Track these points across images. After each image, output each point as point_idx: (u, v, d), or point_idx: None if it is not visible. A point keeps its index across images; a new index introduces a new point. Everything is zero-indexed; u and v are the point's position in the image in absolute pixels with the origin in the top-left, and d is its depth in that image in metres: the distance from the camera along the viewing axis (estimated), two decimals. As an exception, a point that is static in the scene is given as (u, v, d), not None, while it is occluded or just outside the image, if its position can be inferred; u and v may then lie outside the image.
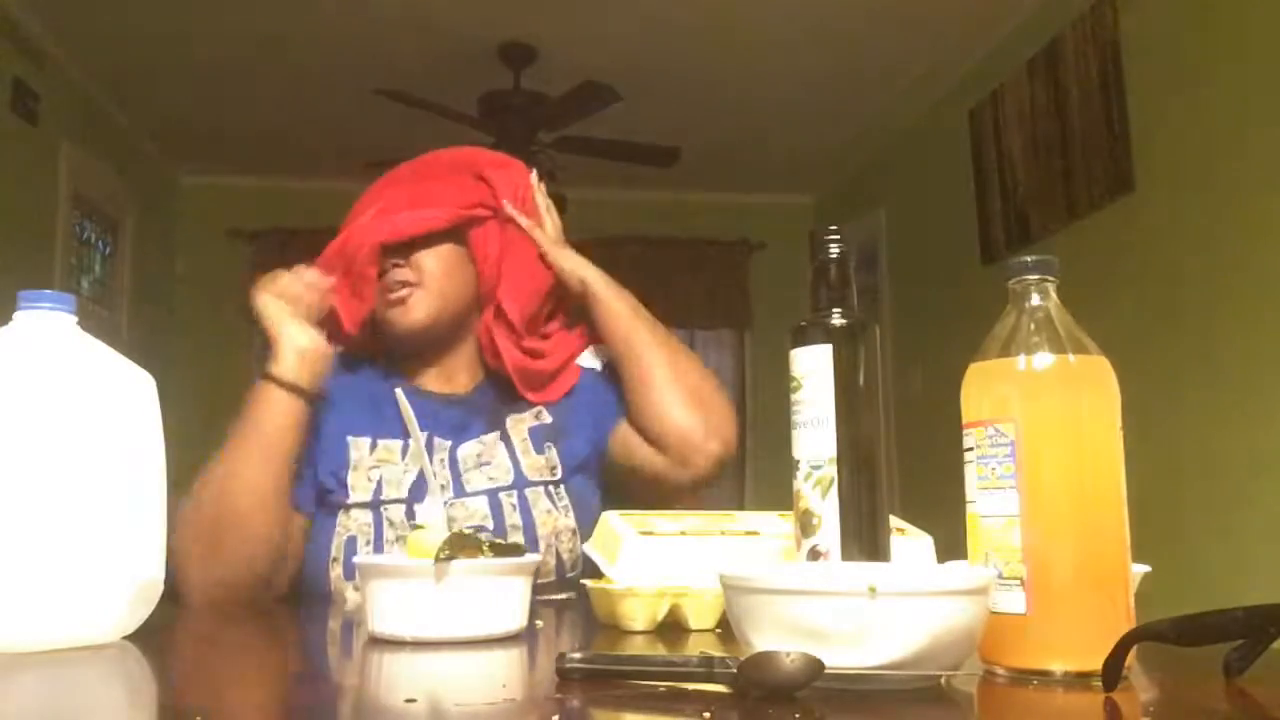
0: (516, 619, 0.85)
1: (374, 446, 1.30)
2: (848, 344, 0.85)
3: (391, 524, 1.26)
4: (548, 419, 1.37)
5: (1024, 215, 3.67)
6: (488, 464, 1.32)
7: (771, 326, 5.37)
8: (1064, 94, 3.43)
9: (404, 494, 1.27)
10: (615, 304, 1.36)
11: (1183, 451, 2.83)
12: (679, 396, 1.31)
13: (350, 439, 1.30)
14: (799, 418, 0.85)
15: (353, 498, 1.27)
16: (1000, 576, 0.67)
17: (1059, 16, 3.46)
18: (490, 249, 1.37)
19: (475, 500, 1.29)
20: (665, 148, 4.22)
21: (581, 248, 1.42)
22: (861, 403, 0.84)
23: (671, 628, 0.93)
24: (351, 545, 1.25)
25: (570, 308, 1.43)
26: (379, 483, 1.28)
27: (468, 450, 1.32)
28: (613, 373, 1.38)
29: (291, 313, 1.27)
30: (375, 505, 1.27)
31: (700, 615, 0.93)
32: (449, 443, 1.32)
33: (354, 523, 1.26)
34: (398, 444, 1.30)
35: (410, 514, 1.25)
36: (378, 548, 1.25)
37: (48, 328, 0.82)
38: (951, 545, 0.85)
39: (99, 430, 0.80)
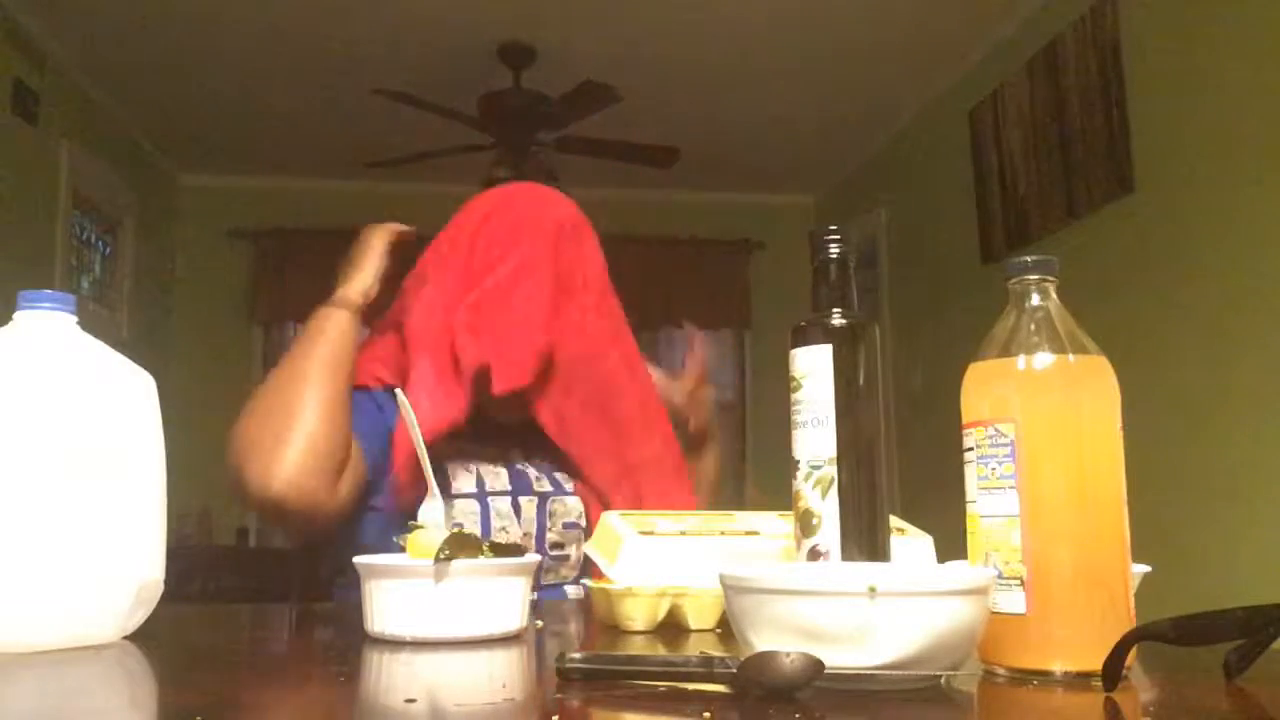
0: (516, 619, 0.85)
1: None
2: (848, 344, 0.85)
3: (499, 514, 1.33)
4: None
5: (1024, 215, 3.67)
6: None
7: (771, 326, 5.37)
8: (1064, 94, 3.43)
9: (507, 487, 1.35)
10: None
11: (1183, 451, 2.83)
12: None
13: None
14: (799, 418, 0.85)
15: (456, 488, 1.33)
16: (1000, 576, 0.67)
17: (1059, 16, 3.45)
18: None
19: (572, 499, 1.39)
20: (665, 148, 4.22)
21: None
22: (861, 403, 0.84)
23: (671, 628, 0.93)
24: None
25: None
26: (477, 474, 1.35)
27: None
28: None
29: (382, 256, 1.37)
30: (480, 496, 1.33)
31: (700, 615, 0.93)
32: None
33: (459, 512, 1.32)
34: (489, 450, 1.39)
35: (515, 506, 1.33)
36: (484, 535, 1.31)
37: (48, 328, 0.82)
38: (951, 545, 0.85)
39: (99, 430, 0.80)
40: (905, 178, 4.74)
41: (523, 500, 1.35)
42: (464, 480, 1.33)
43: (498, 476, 1.35)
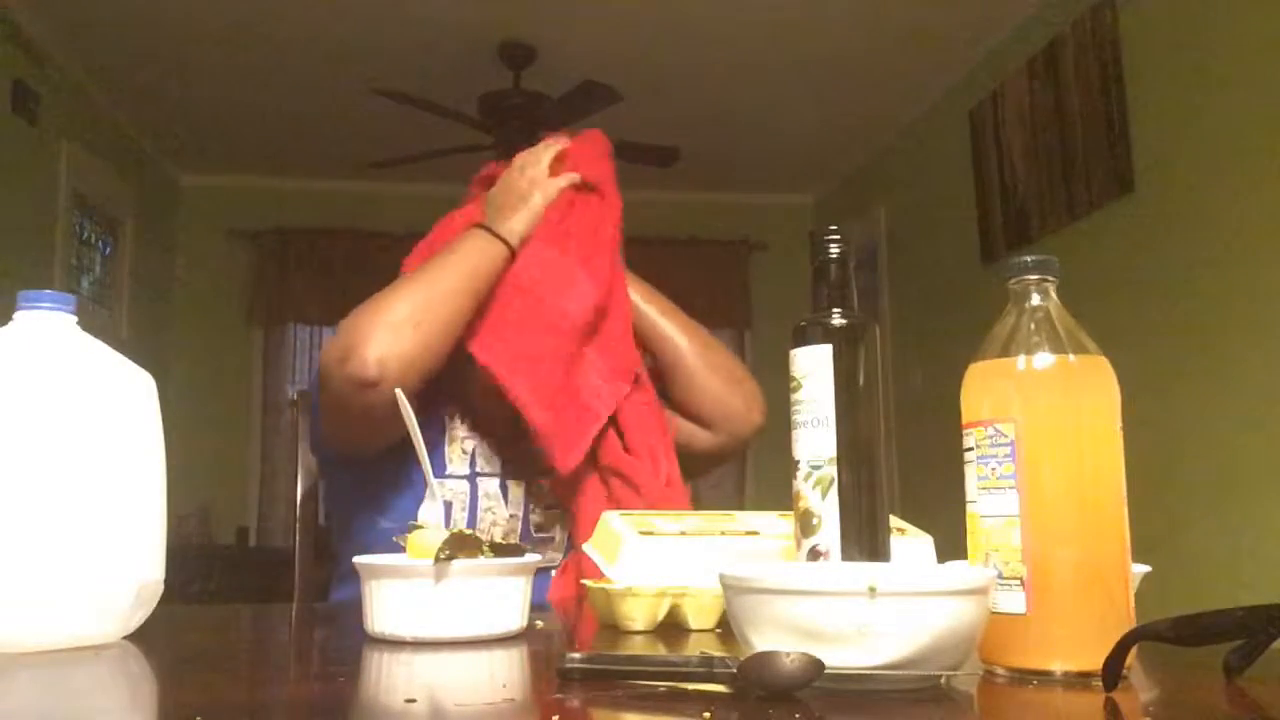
0: (516, 619, 0.85)
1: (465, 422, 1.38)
2: (848, 344, 0.85)
3: (487, 495, 1.34)
4: None
5: (1024, 215, 3.67)
6: None
7: (771, 326, 5.36)
8: (1064, 94, 3.43)
9: (498, 470, 1.35)
10: (642, 302, 1.49)
11: (1182, 451, 2.83)
12: (716, 377, 1.43)
13: (444, 416, 1.37)
14: (799, 418, 0.85)
15: (450, 470, 1.34)
16: (1000, 576, 0.67)
17: (1059, 16, 3.46)
18: None
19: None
20: (665, 148, 4.21)
21: None
22: (861, 403, 0.84)
23: (671, 628, 0.93)
24: (447, 510, 1.32)
25: None
26: (473, 454, 1.35)
27: None
28: None
29: (545, 188, 1.37)
30: (471, 478, 1.34)
31: (700, 615, 0.93)
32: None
33: (448, 491, 1.32)
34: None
35: (503, 488, 1.34)
36: (471, 516, 1.32)
37: (48, 328, 0.82)
38: (951, 545, 0.85)
39: (99, 430, 0.80)
40: (905, 178, 4.74)
41: (510, 483, 1.36)
42: (459, 463, 1.35)
43: (490, 460, 1.36)
